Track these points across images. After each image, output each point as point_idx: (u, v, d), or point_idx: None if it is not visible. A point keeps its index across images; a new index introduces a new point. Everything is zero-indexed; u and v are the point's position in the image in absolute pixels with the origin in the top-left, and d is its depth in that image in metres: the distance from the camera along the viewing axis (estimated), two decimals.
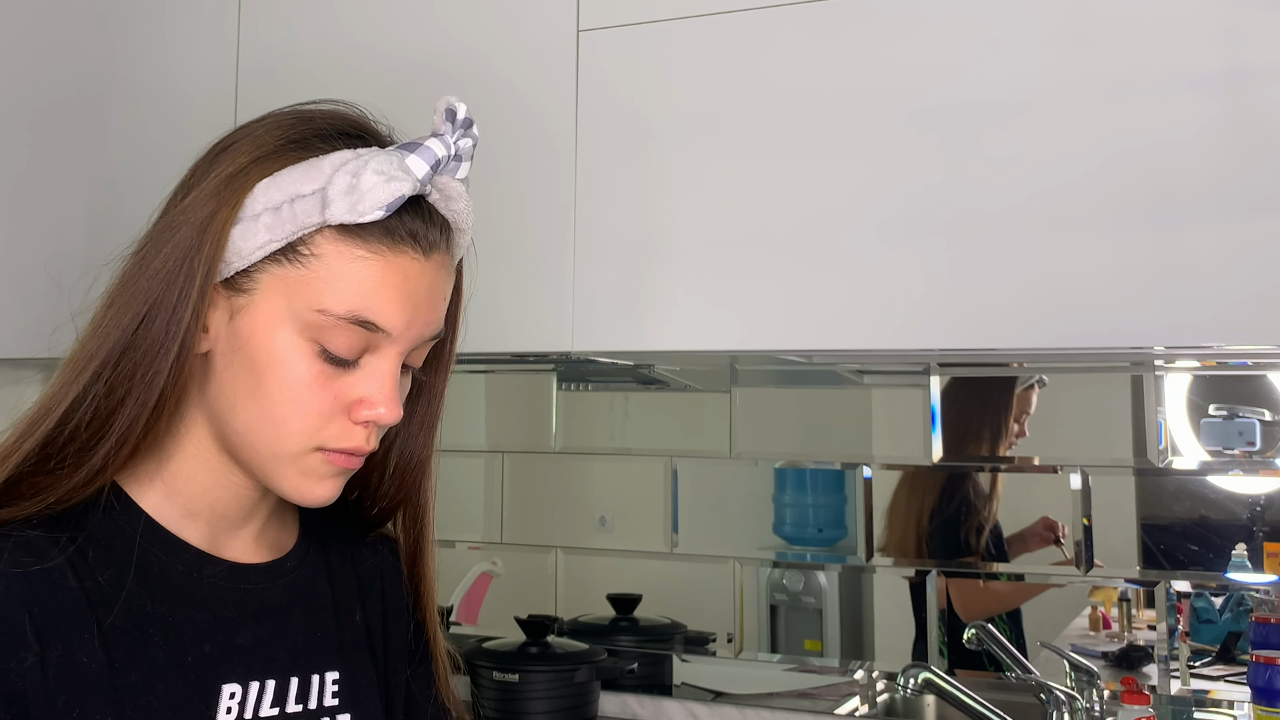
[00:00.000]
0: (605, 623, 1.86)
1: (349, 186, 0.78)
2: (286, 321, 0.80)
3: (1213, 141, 1.17)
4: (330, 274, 0.80)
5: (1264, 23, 1.17)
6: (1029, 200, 1.23)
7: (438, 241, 0.84)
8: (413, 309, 0.82)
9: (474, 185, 1.45)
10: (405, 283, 0.81)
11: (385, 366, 0.82)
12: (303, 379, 0.80)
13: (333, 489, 0.84)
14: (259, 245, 0.80)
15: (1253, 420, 1.51)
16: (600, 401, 1.91)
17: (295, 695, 0.86)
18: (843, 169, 1.31)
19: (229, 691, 0.82)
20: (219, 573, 0.85)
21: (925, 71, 1.28)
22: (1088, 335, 1.21)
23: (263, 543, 0.90)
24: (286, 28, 1.58)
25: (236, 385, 0.81)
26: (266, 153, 0.82)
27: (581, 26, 1.44)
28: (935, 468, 1.67)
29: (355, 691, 0.90)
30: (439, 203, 0.84)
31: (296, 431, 0.81)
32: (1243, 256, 1.16)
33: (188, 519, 0.85)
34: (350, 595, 0.94)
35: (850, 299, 1.30)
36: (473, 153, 0.87)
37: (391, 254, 0.80)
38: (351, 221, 0.79)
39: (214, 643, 0.82)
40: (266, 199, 0.80)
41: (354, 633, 0.93)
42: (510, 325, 1.44)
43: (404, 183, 0.79)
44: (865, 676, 1.70)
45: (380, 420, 0.82)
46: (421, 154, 0.83)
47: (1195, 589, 1.54)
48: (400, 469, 0.95)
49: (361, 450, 0.83)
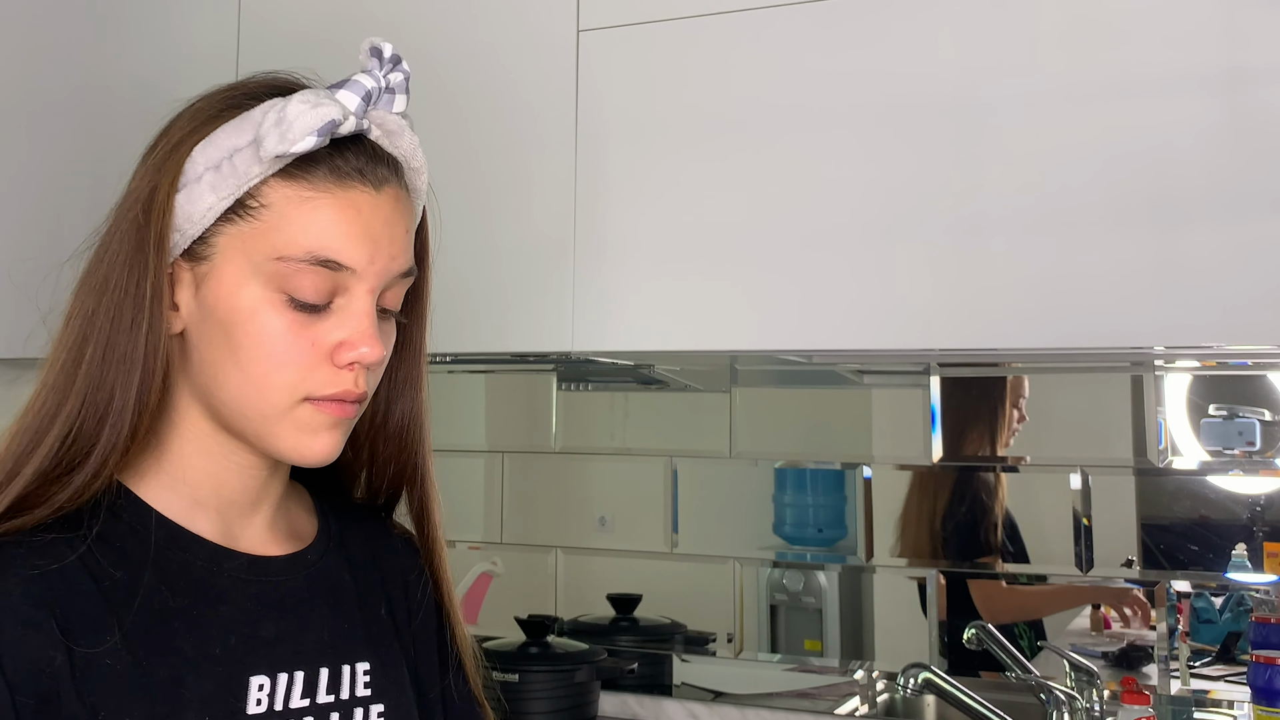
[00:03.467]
0: (605, 623, 1.86)
1: (277, 120, 0.79)
2: (250, 277, 0.80)
3: (1213, 141, 1.17)
4: (283, 220, 0.80)
5: (1264, 23, 1.17)
6: (1029, 200, 1.23)
7: (387, 176, 0.84)
8: (373, 242, 0.81)
9: (474, 185, 1.46)
10: (359, 216, 0.81)
11: (358, 305, 0.81)
12: (277, 331, 0.80)
13: (330, 442, 0.83)
14: (207, 208, 0.80)
15: (1253, 420, 1.51)
16: (600, 401, 1.91)
17: (326, 686, 0.85)
18: (844, 169, 1.31)
19: (258, 683, 0.81)
20: (239, 565, 0.85)
21: (925, 72, 1.28)
22: (1088, 335, 1.21)
23: (278, 533, 0.90)
24: (286, 24, 1.58)
25: (215, 354, 0.81)
26: (201, 121, 0.83)
27: (581, 26, 1.44)
28: (937, 468, 1.67)
29: (387, 682, 0.89)
30: (382, 139, 0.85)
31: (280, 385, 0.80)
32: (1243, 257, 1.16)
33: (196, 509, 0.85)
34: (374, 589, 0.94)
35: (850, 299, 1.30)
36: (406, 86, 0.87)
37: (340, 190, 0.80)
38: (284, 151, 0.78)
39: (239, 635, 0.82)
40: (205, 159, 0.81)
41: (380, 625, 0.92)
42: (510, 325, 1.44)
43: (331, 108, 0.79)
44: (865, 676, 1.70)
45: (363, 359, 0.81)
46: (350, 87, 0.83)
47: (1195, 589, 1.54)
48: (397, 432, 0.94)
49: (350, 394, 0.82)
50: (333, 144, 0.81)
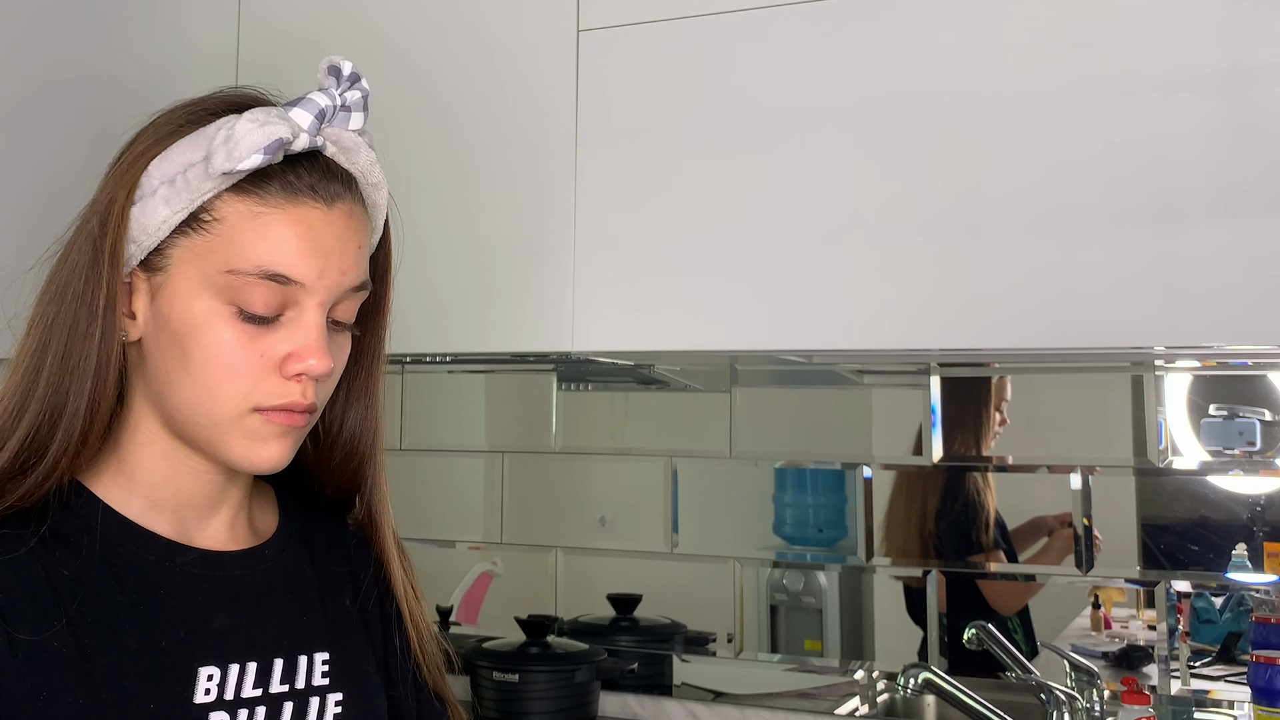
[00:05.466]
0: (605, 623, 1.86)
1: (225, 137, 0.80)
2: (202, 289, 0.82)
3: (1213, 141, 1.17)
4: (234, 234, 0.81)
5: (1264, 23, 1.17)
6: (1029, 200, 1.23)
7: (340, 192, 0.85)
8: (323, 258, 0.82)
9: (474, 185, 1.46)
10: (309, 232, 0.82)
11: (307, 319, 0.83)
12: (227, 342, 0.81)
13: (279, 451, 0.84)
14: (162, 220, 0.82)
15: (1253, 420, 1.51)
16: (600, 401, 1.91)
17: (280, 676, 0.87)
18: (844, 169, 1.31)
19: (206, 674, 0.83)
20: (191, 561, 0.86)
21: (924, 72, 1.28)
22: (1088, 335, 1.21)
23: (238, 531, 0.91)
24: (286, 24, 1.58)
25: (168, 362, 0.83)
26: (161, 135, 0.85)
27: (581, 26, 1.44)
28: (935, 468, 1.67)
29: (348, 671, 0.91)
30: (337, 156, 0.86)
31: (230, 396, 0.82)
32: (1243, 257, 1.16)
33: (153, 511, 0.86)
34: (340, 581, 0.96)
35: (850, 299, 1.30)
36: (365, 104, 0.88)
37: (291, 206, 0.82)
38: (230, 169, 0.80)
39: (189, 628, 0.83)
40: (160, 174, 0.83)
41: (345, 617, 0.94)
42: (510, 325, 1.44)
43: (279, 126, 0.80)
44: (865, 676, 1.70)
45: (310, 371, 0.82)
46: (304, 105, 0.84)
47: (1195, 589, 1.54)
48: (348, 441, 0.96)
49: (298, 405, 0.83)
50: (286, 160, 0.83)
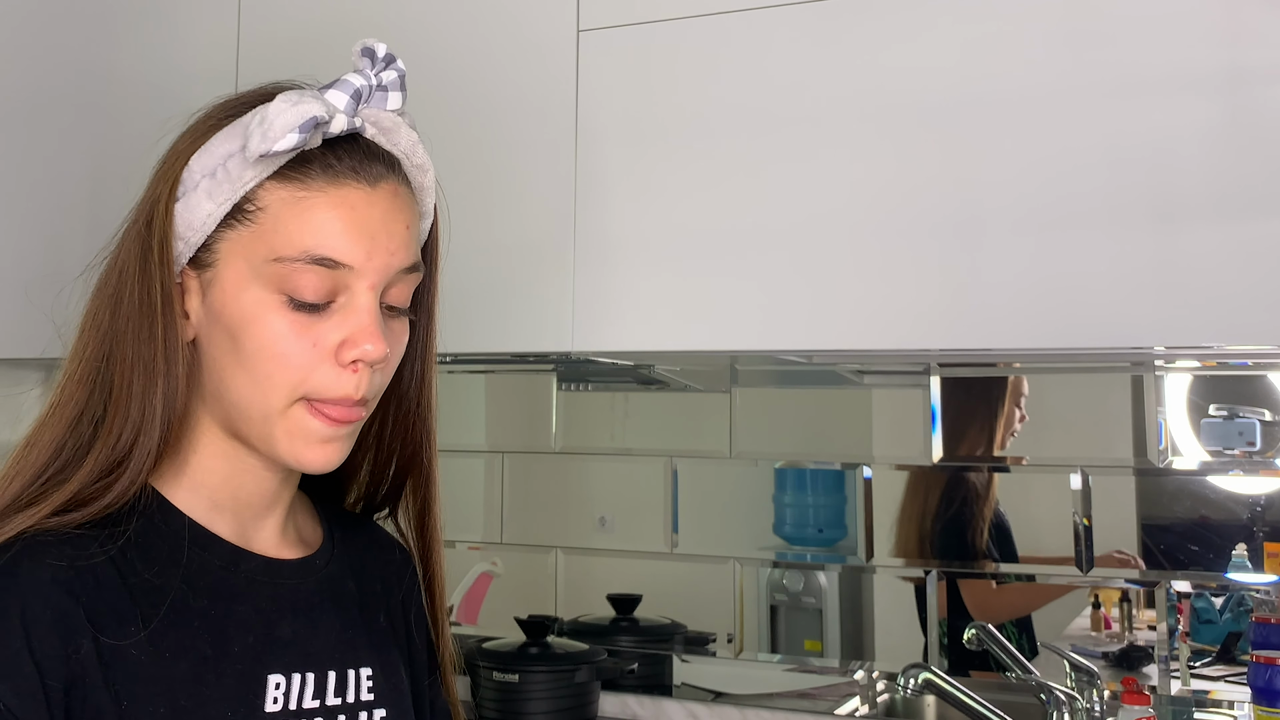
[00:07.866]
0: (605, 623, 1.86)
1: (260, 120, 0.79)
2: (251, 280, 0.81)
3: (1213, 141, 1.17)
4: (278, 222, 0.80)
5: (1264, 23, 1.17)
6: (1029, 200, 1.23)
7: (383, 172, 0.83)
8: (369, 238, 0.81)
9: (474, 185, 1.46)
10: (354, 213, 0.81)
11: (359, 302, 0.81)
12: (279, 332, 0.80)
13: (332, 453, 0.83)
14: (207, 214, 0.81)
15: (1253, 420, 1.51)
16: (600, 401, 1.91)
17: (334, 689, 0.87)
18: (843, 169, 1.31)
19: (274, 682, 0.82)
20: (255, 567, 0.86)
21: (925, 72, 1.28)
22: (1088, 335, 1.21)
23: (287, 538, 0.91)
24: (286, 26, 1.58)
25: (222, 357, 0.82)
26: (199, 132, 0.84)
27: (581, 26, 1.44)
28: (936, 468, 1.67)
29: (388, 688, 0.90)
30: (378, 137, 0.85)
31: (281, 384, 0.81)
32: (1243, 257, 1.16)
33: (215, 512, 0.86)
34: (375, 597, 0.95)
35: (851, 299, 1.30)
36: (401, 84, 0.87)
37: (333, 188, 0.81)
38: (266, 150, 0.78)
39: (257, 635, 0.83)
40: (201, 167, 0.82)
41: (380, 633, 0.93)
42: (510, 325, 1.44)
43: (313, 104, 0.79)
44: (865, 676, 1.70)
45: (367, 357, 0.80)
46: (339, 87, 0.83)
47: (1195, 589, 1.54)
48: (404, 429, 0.95)
49: (350, 398, 0.81)
50: (326, 144, 0.82)
